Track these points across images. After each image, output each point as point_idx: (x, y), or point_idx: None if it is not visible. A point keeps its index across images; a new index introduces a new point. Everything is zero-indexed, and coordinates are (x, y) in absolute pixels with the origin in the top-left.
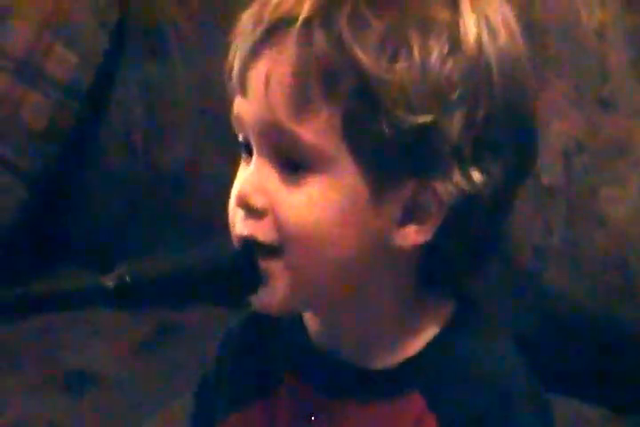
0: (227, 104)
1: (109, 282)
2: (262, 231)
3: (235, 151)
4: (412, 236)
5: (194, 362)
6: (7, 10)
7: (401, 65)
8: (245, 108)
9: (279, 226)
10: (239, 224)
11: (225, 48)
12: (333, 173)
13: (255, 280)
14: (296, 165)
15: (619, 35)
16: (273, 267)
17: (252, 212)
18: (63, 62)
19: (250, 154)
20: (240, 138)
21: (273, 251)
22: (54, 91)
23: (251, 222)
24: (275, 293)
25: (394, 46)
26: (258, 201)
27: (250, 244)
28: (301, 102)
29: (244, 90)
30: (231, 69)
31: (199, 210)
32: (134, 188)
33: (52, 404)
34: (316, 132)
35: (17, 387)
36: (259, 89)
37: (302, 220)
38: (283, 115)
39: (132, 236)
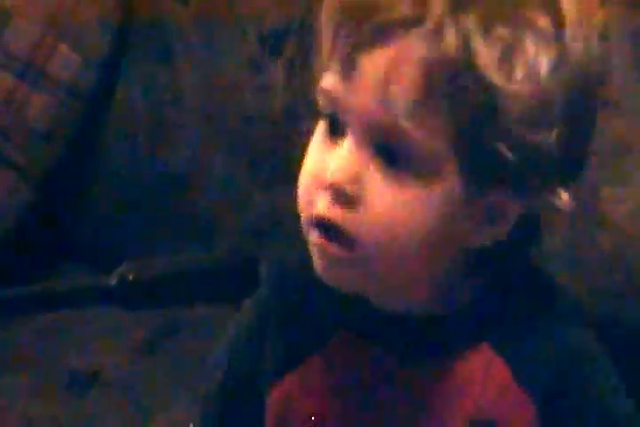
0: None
1: (111, 281)
2: (350, 221)
3: (238, 153)
4: (486, 236)
5: (197, 361)
6: (11, 10)
7: (519, 75)
8: (351, 94)
9: (369, 220)
10: (323, 206)
11: (229, 49)
12: (435, 175)
13: (254, 280)
14: (397, 159)
15: (622, 36)
16: (340, 254)
17: (343, 199)
18: (67, 63)
19: (333, 132)
20: (326, 112)
21: (347, 240)
22: (58, 91)
23: (339, 209)
24: (339, 276)
25: (514, 55)
26: (354, 190)
27: (326, 226)
28: (422, 101)
29: (350, 75)
30: (330, 48)
31: (202, 211)
32: (137, 188)
33: (55, 404)
34: (428, 132)
35: (20, 387)
36: (376, 80)
37: (396, 218)
38: (399, 110)
39: (135, 235)
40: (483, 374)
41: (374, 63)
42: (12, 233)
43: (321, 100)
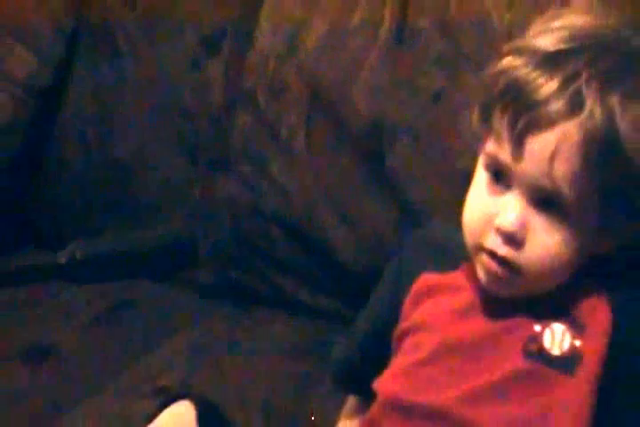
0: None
1: (61, 259)
2: (517, 258)
3: (178, 144)
4: (606, 248)
5: (145, 334)
6: None
7: None
8: (520, 165)
9: (531, 257)
10: (495, 245)
11: (171, 49)
12: (582, 219)
13: (190, 259)
14: (553, 208)
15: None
16: (506, 277)
17: (512, 241)
18: (24, 63)
19: (498, 179)
20: (493, 169)
21: (513, 269)
22: (15, 88)
23: (509, 249)
24: (500, 289)
25: None
26: (521, 235)
27: (496, 258)
28: (579, 173)
29: (518, 153)
30: (499, 127)
31: (145, 196)
32: (88, 176)
33: (12, 375)
34: (583, 194)
35: None
36: (543, 159)
37: (551, 254)
38: (562, 183)
39: (86, 219)
40: (583, 291)
41: (540, 145)
42: None
43: (487, 160)
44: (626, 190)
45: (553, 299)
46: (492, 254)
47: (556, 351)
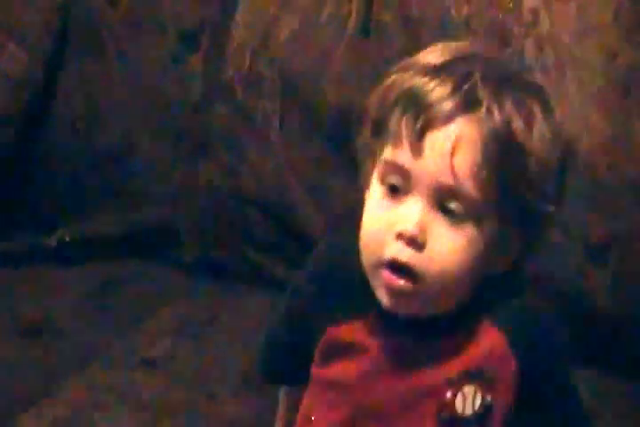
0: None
1: (51, 242)
2: (418, 261)
3: (161, 134)
4: (502, 266)
5: (132, 310)
6: None
7: (539, 143)
8: (421, 165)
9: (434, 260)
10: (394, 250)
11: (153, 46)
12: (481, 223)
13: (174, 241)
14: (453, 211)
15: (482, 26)
16: (405, 287)
17: (413, 245)
18: (15, 59)
19: (394, 192)
20: (390, 181)
21: (414, 277)
22: (8, 84)
23: (409, 252)
24: (402, 306)
25: (535, 127)
26: (422, 237)
27: (398, 266)
28: (480, 171)
29: (419, 152)
30: (397, 131)
31: (132, 182)
32: (77, 163)
33: (7, 349)
34: (481, 192)
35: None
36: (442, 155)
37: (452, 258)
38: (462, 179)
39: (75, 205)
40: (479, 338)
41: (440, 142)
42: None
43: (385, 169)
44: (521, 197)
45: (458, 348)
46: (393, 266)
47: (468, 412)
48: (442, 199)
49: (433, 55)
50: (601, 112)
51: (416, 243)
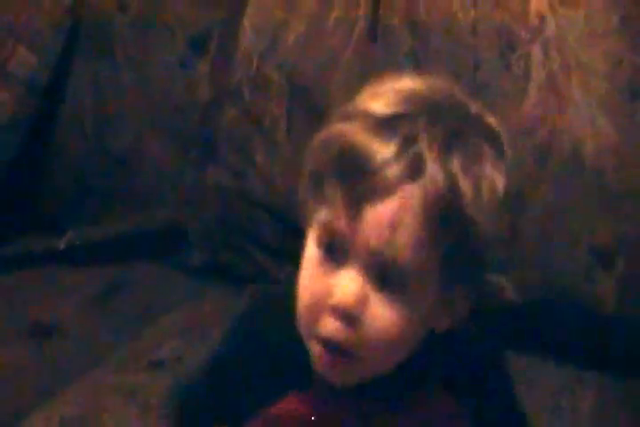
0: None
1: (61, 245)
2: (351, 337)
3: (171, 138)
4: (448, 323)
5: (140, 312)
6: None
7: (486, 206)
8: (358, 235)
9: (371, 336)
10: (329, 329)
11: (162, 50)
12: (421, 293)
13: (182, 243)
14: (392, 283)
15: (489, 30)
16: (341, 363)
17: (348, 320)
18: (24, 63)
19: (331, 255)
20: (326, 242)
21: (348, 354)
22: (17, 87)
23: (342, 328)
24: (338, 378)
25: (483, 188)
26: (359, 312)
27: (332, 346)
28: (422, 238)
29: (355, 220)
30: (332, 195)
31: (140, 185)
32: (86, 167)
33: (16, 351)
34: (422, 264)
35: None
36: (382, 227)
37: (389, 332)
38: (402, 252)
39: (84, 207)
40: (438, 409)
41: (380, 212)
42: None
43: (321, 231)
44: (466, 260)
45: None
46: (327, 343)
47: None
48: (381, 272)
49: (378, 103)
50: (607, 116)
51: (352, 318)
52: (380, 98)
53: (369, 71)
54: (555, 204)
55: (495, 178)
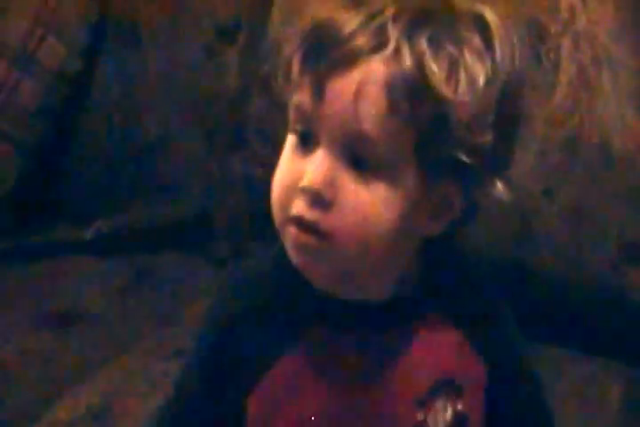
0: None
1: (88, 235)
2: (325, 220)
3: (197, 127)
4: (437, 227)
5: (167, 301)
6: (5, 8)
7: (463, 88)
8: (323, 110)
9: (342, 218)
10: (300, 208)
11: (189, 38)
12: (397, 176)
13: (208, 232)
14: (365, 165)
15: (520, 23)
16: (316, 245)
17: (319, 201)
18: (53, 52)
19: (304, 144)
20: (298, 128)
21: (322, 235)
22: (46, 76)
23: (316, 211)
24: (312, 264)
25: (459, 70)
26: (329, 193)
27: (303, 224)
28: (386, 114)
29: (321, 95)
30: (300, 71)
31: (168, 174)
32: (114, 156)
33: (45, 339)
34: (393, 141)
35: (15, 325)
36: (346, 99)
37: (364, 215)
38: (368, 125)
39: (112, 197)
40: (441, 339)
41: (343, 85)
42: (9, 195)
43: (293, 115)
44: (441, 144)
45: (420, 355)
46: (299, 222)
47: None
48: (351, 150)
49: None
50: (636, 110)
51: (322, 199)
52: None
53: None
54: (583, 196)
55: (474, 66)
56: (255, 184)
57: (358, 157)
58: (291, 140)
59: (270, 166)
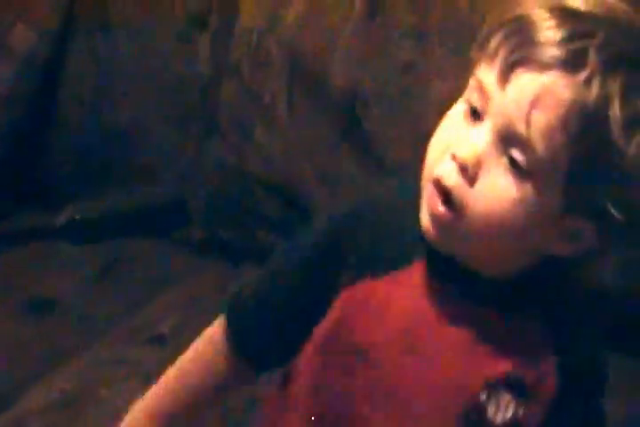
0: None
1: (61, 220)
2: (461, 192)
3: (170, 113)
4: (561, 250)
5: (141, 287)
6: None
7: (637, 143)
8: (502, 99)
9: (479, 198)
10: (444, 171)
11: (161, 24)
12: (541, 188)
13: (182, 218)
14: (518, 161)
15: (489, 7)
16: (443, 213)
17: (463, 173)
18: (24, 38)
19: (473, 114)
20: (472, 102)
21: (456, 207)
22: (16, 63)
23: (457, 178)
24: (437, 233)
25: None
26: (475, 170)
27: (443, 189)
28: (556, 130)
29: (505, 83)
30: (494, 51)
31: (141, 161)
32: (86, 143)
33: (18, 326)
34: (550, 157)
35: None
36: (524, 99)
37: (498, 203)
38: (534, 133)
39: (85, 183)
40: (527, 338)
41: (526, 85)
42: None
43: (472, 87)
44: (593, 184)
45: (504, 343)
46: (438, 182)
47: (498, 420)
48: (510, 144)
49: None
50: None
51: (466, 172)
52: None
53: (368, 48)
54: None
55: None
56: (227, 171)
57: (514, 151)
58: (460, 107)
59: (242, 152)
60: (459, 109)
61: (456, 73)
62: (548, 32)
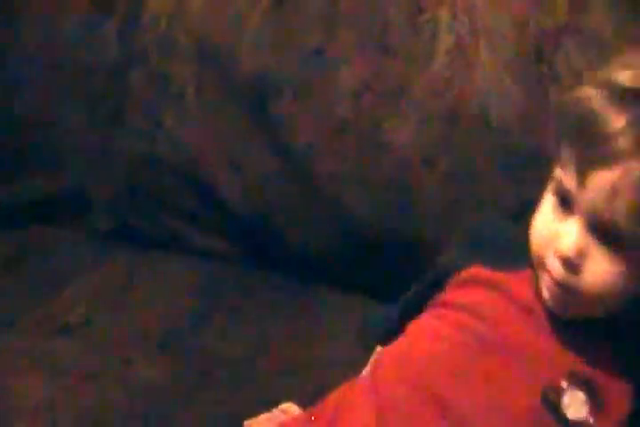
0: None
1: None
2: (574, 282)
3: (77, 99)
4: None
5: (48, 276)
6: None
7: None
8: (583, 196)
9: (587, 282)
10: (554, 268)
11: (66, 8)
12: (632, 256)
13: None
14: (611, 242)
15: None
16: (562, 295)
17: (570, 265)
18: None
19: (563, 205)
20: (560, 195)
21: (570, 290)
22: None
23: (565, 272)
24: (554, 305)
25: None
26: (578, 261)
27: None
28: (635, 214)
29: (582, 183)
30: (568, 156)
31: (46, 149)
32: None
33: None
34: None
35: None
36: (603, 193)
37: (610, 284)
38: (620, 218)
39: None
40: (607, 356)
41: (602, 180)
42: None
43: (555, 187)
44: None
45: (596, 351)
46: (551, 277)
47: (570, 414)
48: (602, 232)
49: (628, 74)
50: (514, 79)
51: (572, 265)
52: (628, 69)
53: (277, 35)
54: (462, 166)
55: None
56: (136, 159)
57: (606, 233)
58: (550, 199)
59: (150, 140)
60: (549, 201)
61: (365, 59)
62: (611, 123)
